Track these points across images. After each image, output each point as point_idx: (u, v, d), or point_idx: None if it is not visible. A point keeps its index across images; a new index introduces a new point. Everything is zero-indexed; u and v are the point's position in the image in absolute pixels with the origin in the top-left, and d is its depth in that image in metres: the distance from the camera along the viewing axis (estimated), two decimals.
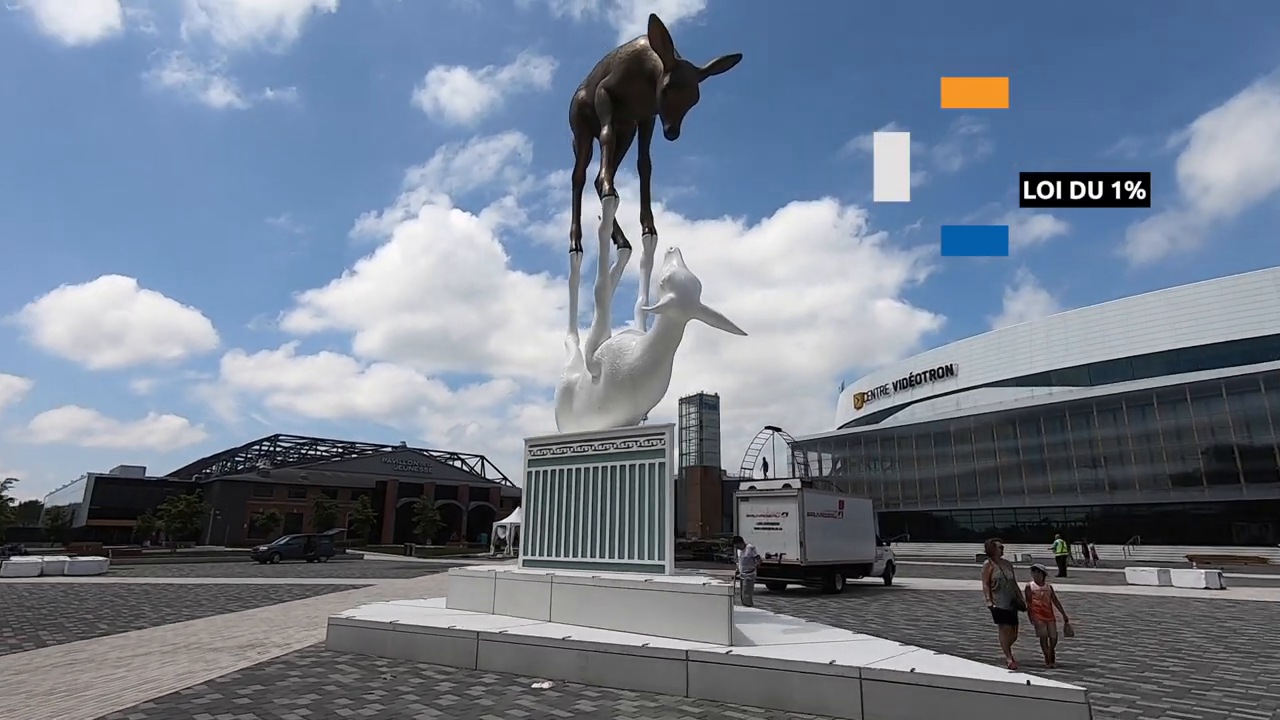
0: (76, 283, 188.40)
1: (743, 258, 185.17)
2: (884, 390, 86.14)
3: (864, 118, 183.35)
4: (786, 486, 19.84)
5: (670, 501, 9.22)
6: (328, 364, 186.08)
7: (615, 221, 12.22)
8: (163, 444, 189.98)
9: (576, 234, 13.10)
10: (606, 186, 10.87)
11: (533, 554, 10.46)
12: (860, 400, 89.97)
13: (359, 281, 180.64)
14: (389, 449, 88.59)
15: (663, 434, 9.53)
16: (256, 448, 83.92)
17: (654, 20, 9.32)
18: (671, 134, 9.94)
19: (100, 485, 64.87)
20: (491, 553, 47.07)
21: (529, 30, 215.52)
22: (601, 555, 9.64)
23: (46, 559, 26.41)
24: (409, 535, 59.78)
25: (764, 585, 19.46)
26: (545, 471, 10.67)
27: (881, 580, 22.22)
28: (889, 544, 24.78)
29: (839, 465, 78.79)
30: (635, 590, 8.35)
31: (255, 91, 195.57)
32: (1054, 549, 29.05)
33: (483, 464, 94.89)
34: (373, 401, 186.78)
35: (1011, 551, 41.69)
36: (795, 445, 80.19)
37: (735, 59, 9.96)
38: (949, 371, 77.45)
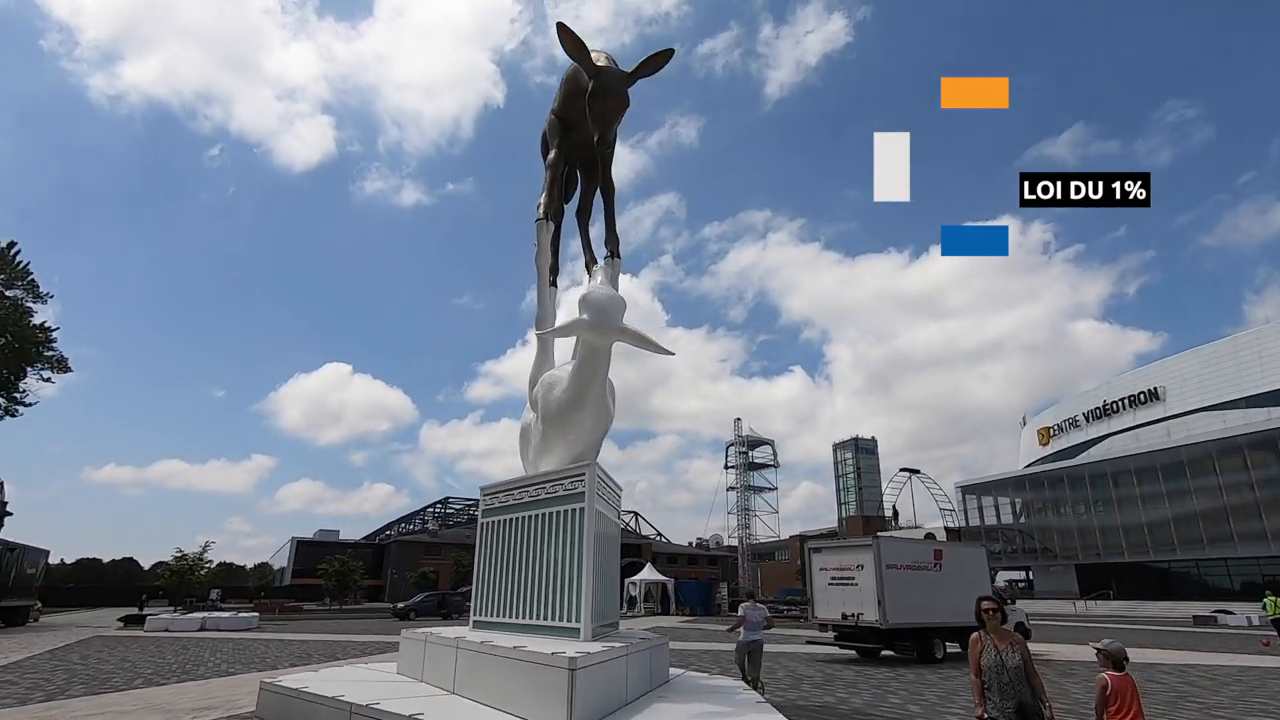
0: (307, 371, 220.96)
1: (912, 289, 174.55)
2: (1074, 423, 75.08)
3: (1043, 123, 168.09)
4: (877, 535, 17.25)
5: (589, 554, 8.07)
6: (508, 429, 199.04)
7: (589, 238, 11.79)
8: (374, 510, 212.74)
9: (554, 269, 12.58)
10: (540, 210, 10.31)
11: (479, 613, 9.69)
12: (1046, 435, 79.09)
13: (530, 349, 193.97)
14: None
15: (582, 475, 8.49)
16: (431, 510, 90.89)
17: (561, 28, 8.78)
18: (601, 143, 9.34)
19: (301, 548, 73.53)
20: (624, 610, 46.28)
21: (674, 94, 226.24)
22: (526, 615, 8.68)
23: (212, 615, 29.78)
24: None
25: (853, 652, 16.86)
26: (491, 523, 9.97)
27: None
28: (1013, 601, 20.54)
29: (1022, 511, 68.97)
30: (502, 659, 7.28)
31: (439, 187, 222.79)
32: (1264, 608, 22.50)
33: (636, 520, 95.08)
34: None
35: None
36: (966, 490, 71.61)
37: (667, 55, 9.23)
38: (1154, 396, 65.97)
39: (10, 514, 61.40)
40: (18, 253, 37.03)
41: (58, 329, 38.07)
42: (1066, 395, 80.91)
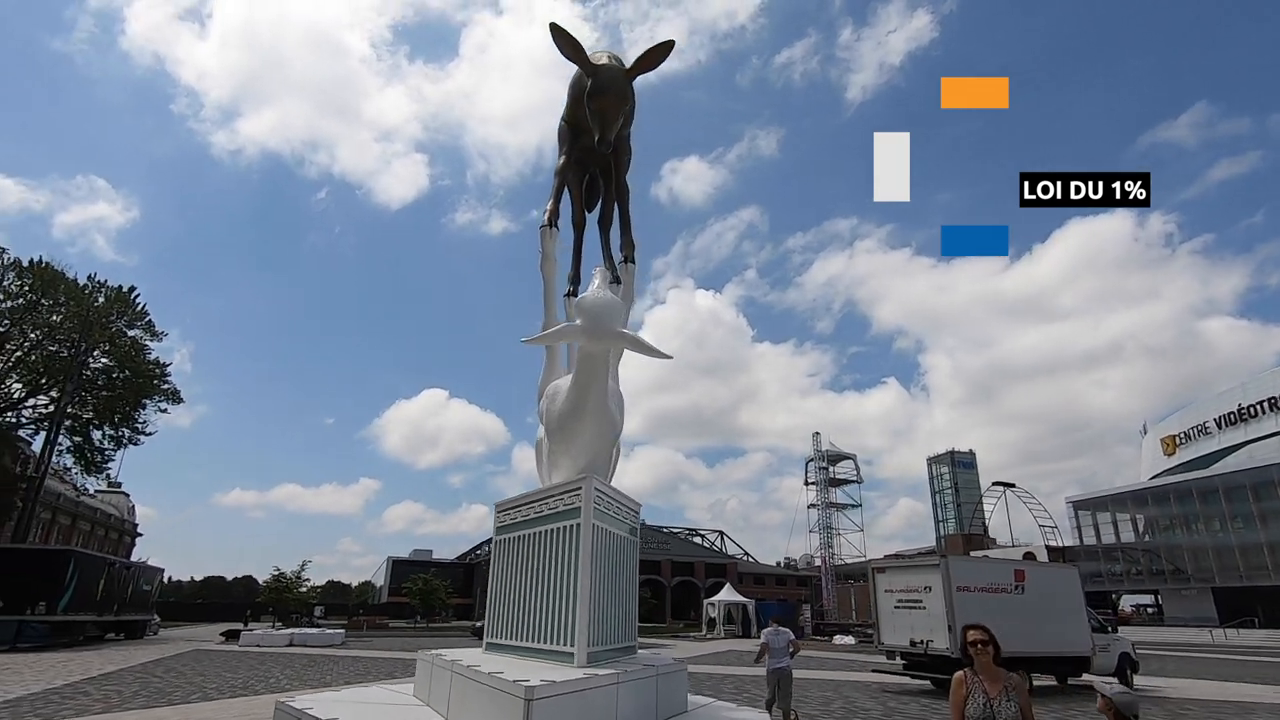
0: (407, 397, 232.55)
1: (1014, 292, 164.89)
2: (1204, 429, 67.81)
3: (1156, 108, 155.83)
4: (936, 554, 15.78)
5: (585, 573, 7.61)
6: None
7: (609, 246, 11.51)
8: (472, 530, 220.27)
9: (575, 278, 12.36)
10: (545, 218, 10.05)
11: (490, 634, 9.39)
12: (1172, 444, 71.80)
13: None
14: None
15: (578, 490, 8.07)
16: None
17: (554, 29, 8.57)
18: (601, 145, 9.05)
19: (396, 566, 76.66)
20: (704, 632, 45.10)
21: (753, 106, 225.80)
22: (527, 638, 8.30)
23: (301, 631, 31.18)
24: None
25: (926, 682, 15.43)
26: (501, 540, 9.68)
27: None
28: (1111, 628, 18.20)
29: (1146, 528, 62.55)
30: (479, 684, 6.89)
31: (523, 214, 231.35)
32: None
33: (721, 539, 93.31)
34: (637, 482, 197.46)
35: None
36: (1078, 505, 65.79)
37: (666, 47, 8.88)
38: None
39: (140, 534, 67.50)
40: (137, 296, 40.72)
41: (171, 365, 41.50)
42: (1195, 400, 73.18)
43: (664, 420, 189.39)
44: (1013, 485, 68.22)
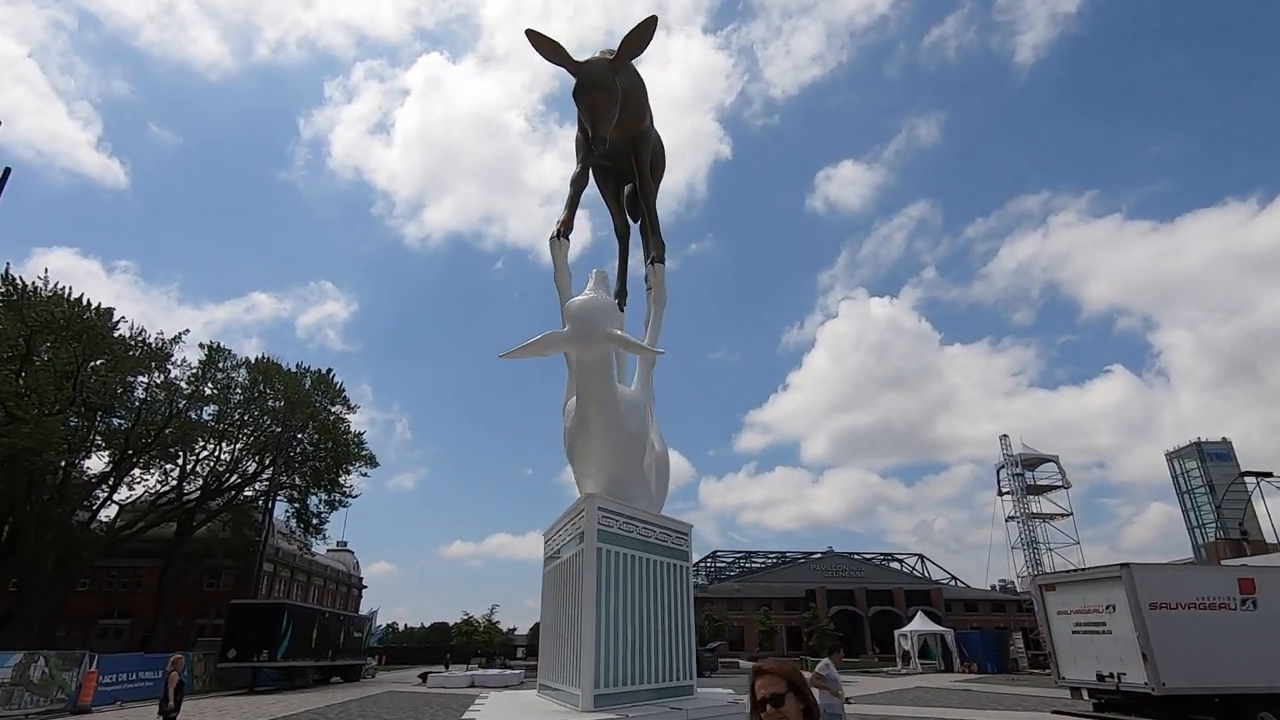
0: None
1: (1266, 243, 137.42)
2: None
3: None
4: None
5: (591, 605, 6.87)
6: (784, 477, 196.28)
7: (625, 274, 10.92)
8: None
9: (621, 292, 11.92)
10: (556, 228, 9.66)
11: (540, 672, 8.86)
12: None
13: (793, 393, 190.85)
14: (818, 555, 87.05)
15: (581, 513, 7.40)
16: (703, 564, 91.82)
17: (530, 35, 8.42)
18: (596, 143, 8.67)
19: None
20: (898, 666, 40.83)
21: (906, 96, 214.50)
22: (550, 676, 7.72)
23: (480, 673, 32.80)
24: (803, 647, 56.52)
25: None
26: (545, 574, 9.20)
27: None
28: None
29: None
30: None
31: (682, 250, 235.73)
32: None
33: (922, 562, 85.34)
34: (831, 508, 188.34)
35: None
36: None
37: (649, 25, 8.42)
38: None
39: (365, 587, 76.05)
40: (334, 377, 46.62)
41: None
42: None
43: (851, 440, 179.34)
44: (1269, 474, 55.33)
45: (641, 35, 8.36)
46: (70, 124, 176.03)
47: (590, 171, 10.48)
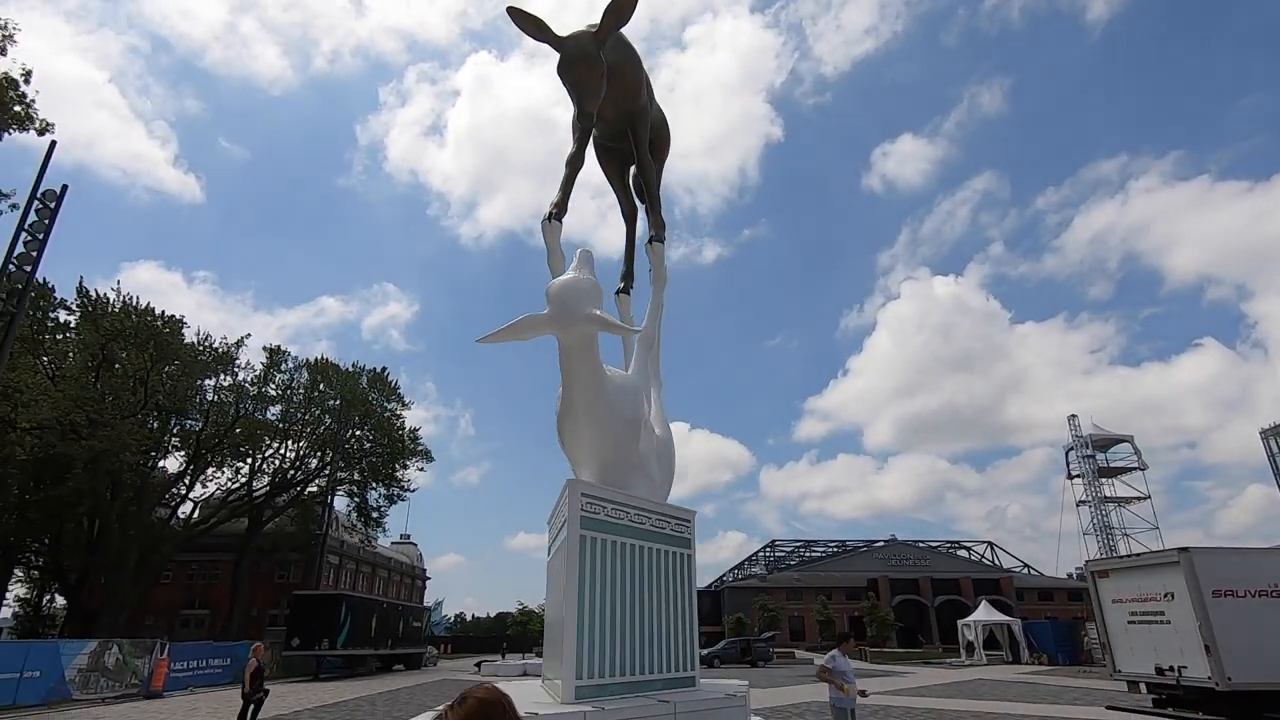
0: None
1: None
2: None
3: None
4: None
5: (575, 593, 6.69)
6: (846, 465, 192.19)
7: (632, 257, 10.63)
8: (732, 558, 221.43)
9: (629, 275, 11.68)
10: (549, 209, 9.41)
11: (544, 666, 8.72)
12: None
13: (853, 379, 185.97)
14: (880, 544, 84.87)
15: (568, 499, 7.21)
16: (762, 554, 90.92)
17: (511, 13, 8.24)
18: (581, 117, 8.49)
19: None
20: (962, 657, 39.31)
21: (967, 63, 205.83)
22: (550, 668, 7.56)
23: (535, 660, 33.24)
24: (863, 636, 54.98)
25: None
26: (549, 561, 9.05)
27: None
28: None
29: None
30: None
31: (735, 236, 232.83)
32: None
33: (991, 550, 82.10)
34: (897, 496, 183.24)
35: None
36: None
37: None
38: None
39: (429, 577, 78.34)
40: (388, 375, 47.98)
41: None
42: None
43: (917, 425, 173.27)
44: None
45: (622, 3, 8.07)
46: (149, 143, 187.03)
47: (588, 153, 10.19)
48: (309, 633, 29.14)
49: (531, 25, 8.29)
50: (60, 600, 48.74)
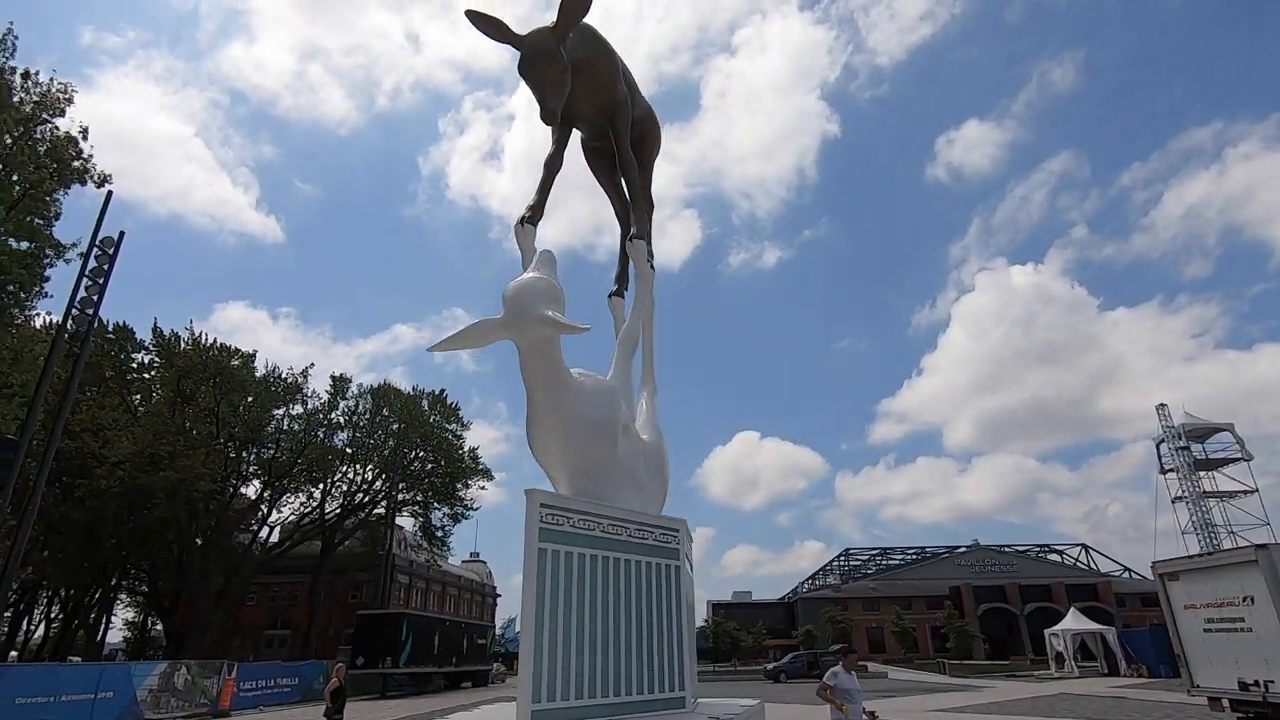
0: (722, 443, 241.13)
1: None
2: None
3: None
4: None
5: (544, 610, 6.35)
6: (927, 467, 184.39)
7: (626, 259, 10.32)
8: (810, 567, 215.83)
9: (623, 277, 11.36)
10: (525, 211, 9.16)
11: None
12: None
13: (928, 378, 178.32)
14: (962, 549, 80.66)
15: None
16: (836, 563, 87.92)
17: (470, 16, 8.08)
18: (545, 115, 8.23)
19: (715, 609, 77.91)
20: (1051, 669, 36.52)
21: (1035, 39, 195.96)
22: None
23: None
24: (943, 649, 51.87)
25: None
26: None
27: None
28: None
29: None
30: None
31: (795, 237, 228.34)
32: None
33: (1086, 553, 76.73)
34: (983, 498, 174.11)
35: None
36: None
37: None
38: None
39: (499, 595, 79.48)
40: (447, 396, 49.14)
41: (477, 448, 48.85)
42: None
43: (1000, 423, 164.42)
44: None
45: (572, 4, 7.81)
46: (234, 190, 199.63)
47: (564, 153, 9.94)
48: (373, 651, 29.83)
49: (492, 28, 8.12)
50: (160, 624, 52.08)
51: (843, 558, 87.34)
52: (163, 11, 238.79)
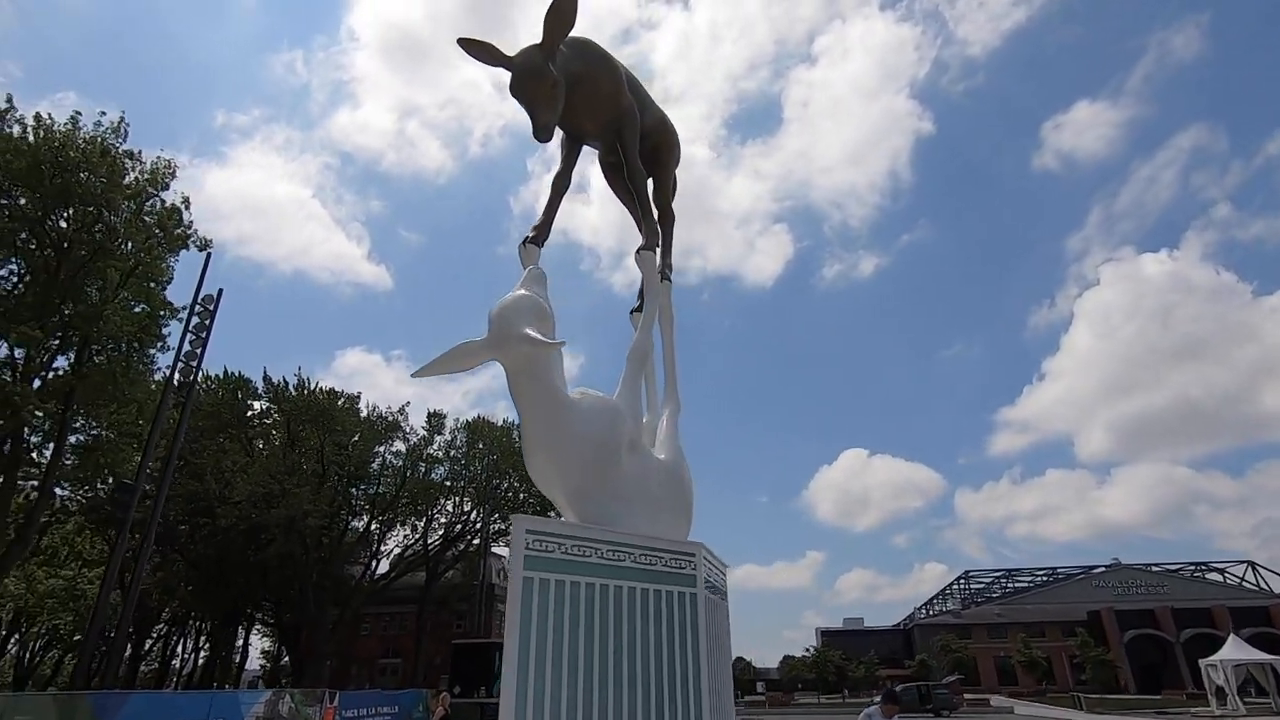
0: (828, 463, 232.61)
1: None
2: None
3: None
4: None
5: (529, 647, 6.03)
6: (1059, 480, 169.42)
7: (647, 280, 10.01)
8: (931, 590, 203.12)
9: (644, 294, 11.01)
10: (530, 232, 9.09)
11: None
12: None
13: (1050, 382, 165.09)
14: (1100, 569, 73.20)
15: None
16: (956, 586, 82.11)
17: (463, 43, 8.22)
18: (538, 132, 8.16)
19: (825, 637, 74.32)
20: (1212, 706, 31.88)
21: (1148, 8, 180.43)
22: None
23: None
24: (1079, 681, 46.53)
25: None
26: None
27: None
28: None
29: None
30: None
31: (893, 243, 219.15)
32: None
33: (1253, 571, 67.65)
34: (1127, 512, 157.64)
35: None
36: None
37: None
38: None
39: None
40: None
41: None
42: None
43: (1141, 428, 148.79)
44: None
45: (560, 8, 7.68)
46: (348, 244, 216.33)
47: (572, 171, 9.83)
48: (468, 681, 30.48)
49: (484, 53, 8.12)
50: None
51: (962, 580, 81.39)
52: (280, 89, 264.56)
